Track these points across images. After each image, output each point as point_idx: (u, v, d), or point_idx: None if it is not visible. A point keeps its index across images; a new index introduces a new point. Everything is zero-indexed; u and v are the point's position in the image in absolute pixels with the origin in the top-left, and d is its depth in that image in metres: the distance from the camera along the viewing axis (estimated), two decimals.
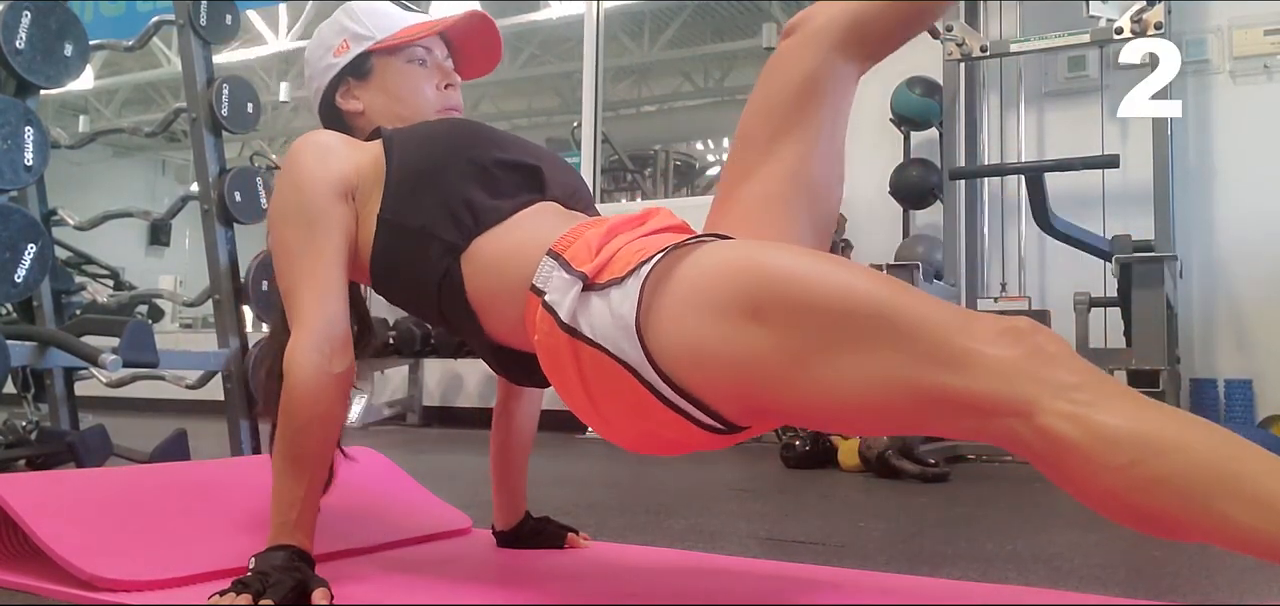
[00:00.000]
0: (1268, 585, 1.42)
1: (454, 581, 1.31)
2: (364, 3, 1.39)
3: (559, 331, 1.03)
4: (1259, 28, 3.72)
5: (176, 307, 7.58)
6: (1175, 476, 0.78)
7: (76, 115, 9.92)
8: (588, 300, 1.02)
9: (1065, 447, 0.80)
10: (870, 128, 4.34)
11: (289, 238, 1.22)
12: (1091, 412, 0.80)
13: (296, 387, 1.15)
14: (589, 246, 1.06)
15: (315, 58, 1.39)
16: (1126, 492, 0.79)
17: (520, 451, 1.52)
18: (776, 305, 0.93)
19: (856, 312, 0.89)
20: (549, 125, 9.58)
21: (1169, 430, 0.80)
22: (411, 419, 5.36)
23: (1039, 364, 0.83)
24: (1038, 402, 0.81)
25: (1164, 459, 0.78)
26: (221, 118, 2.45)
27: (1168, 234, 3.26)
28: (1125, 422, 0.80)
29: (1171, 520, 0.79)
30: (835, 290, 0.91)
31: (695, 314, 0.96)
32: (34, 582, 1.19)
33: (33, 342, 2.08)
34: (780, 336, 0.92)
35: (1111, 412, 0.80)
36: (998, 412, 0.83)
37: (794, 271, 0.94)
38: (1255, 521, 0.76)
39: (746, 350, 0.93)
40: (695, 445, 1.03)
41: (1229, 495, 0.77)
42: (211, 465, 1.78)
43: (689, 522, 1.91)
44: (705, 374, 0.97)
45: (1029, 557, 1.61)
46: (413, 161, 1.21)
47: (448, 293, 1.17)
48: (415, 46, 1.37)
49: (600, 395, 1.04)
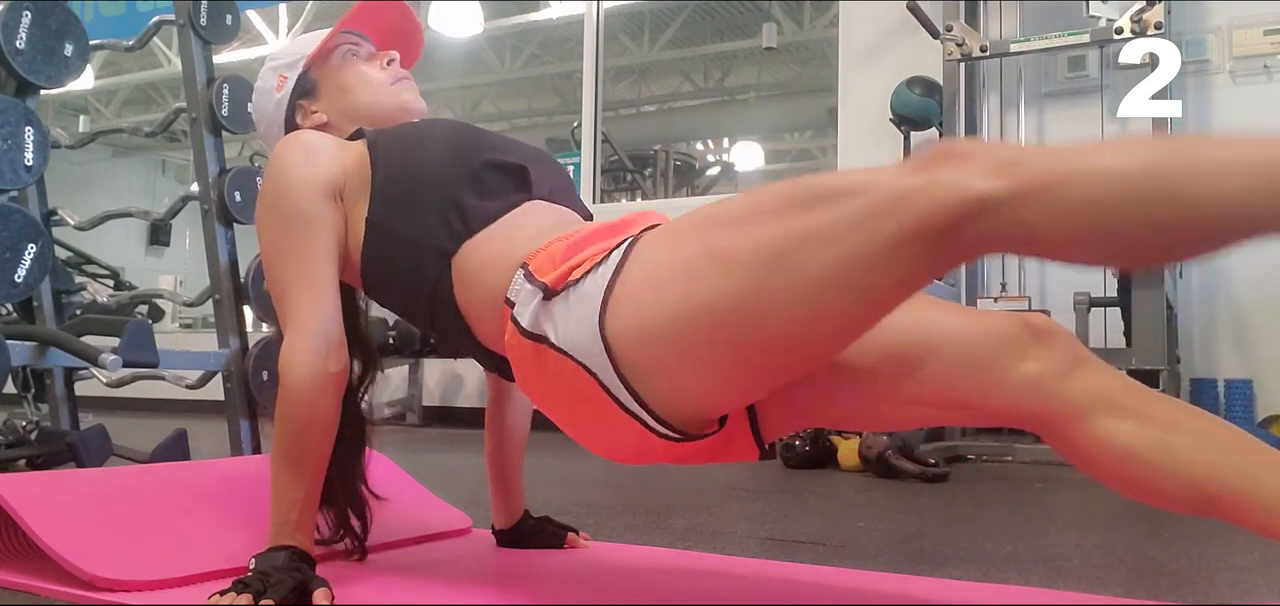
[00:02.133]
0: (1268, 586, 1.42)
1: (454, 581, 1.31)
2: (277, 46, 1.42)
3: (522, 339, 1.05)
4: (1259, 28, 3.72)
5: (176, 307, 7.58)
6: (1148, 183, 0.77)
7: (76, 115, 9.93)
8: (550, 308, 1.03)
9: (1027, 199, 0.79)
10: (870, 128, 4.35)
11: (279, 239, 1.21)
12: (1029, 161, 0.80)
13: (293, 389, 1.15)
14: (553, 258, 1.07)
15: (263, 106, 1.40)
16: (1101, 213, 0.78)
17: (515, 450, 1.52)
18: (722, 228, 0.93)
19: (791, 199, 0.90)
20: (549, 125, 9.59)
21: (1108, 153, 0.80)
22: (411, 419, 5.36)
23: (955, 161, 0.83)
24: (975, 188, 0.80)
25: (1130, 176, 0.78)
26: (221, 118, 2.45)
27: None
28: (1068, 157, 0.80)
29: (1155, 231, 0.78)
30: (768, 193, 0.92)
31: (652, 288, 0.97)
32: (34, 582, 1.19)
33: (33, 342, 2.07)
34: (731, 257, 0.91)
35: (1047, 156, 0.81)
36: (952, 223, 0.82)
37: (731, 201, 0.96)
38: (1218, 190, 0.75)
39: (708, 294, 0.93)
40: (656, 454, 1.03)
41: (1195, 177, 0.76)
42: (211, 465, 1.78)
43: (689, 522, 1.91)
44: (673, 345, 0.95)
45: (1029, 557, 1.61)
46: (399, 164, 1.22)
47: (439, 301, 1.18)
48: (340, 46, 1.39)
49: (563, 400, 1.05)
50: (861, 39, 4.52)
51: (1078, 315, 3.35)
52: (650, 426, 0.99)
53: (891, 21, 4.33)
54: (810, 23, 8.01)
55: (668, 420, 0.99)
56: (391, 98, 1.38)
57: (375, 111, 1.36)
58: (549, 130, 9.39)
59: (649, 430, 0.99)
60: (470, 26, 6.62)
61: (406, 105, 1.38)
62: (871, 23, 4.46)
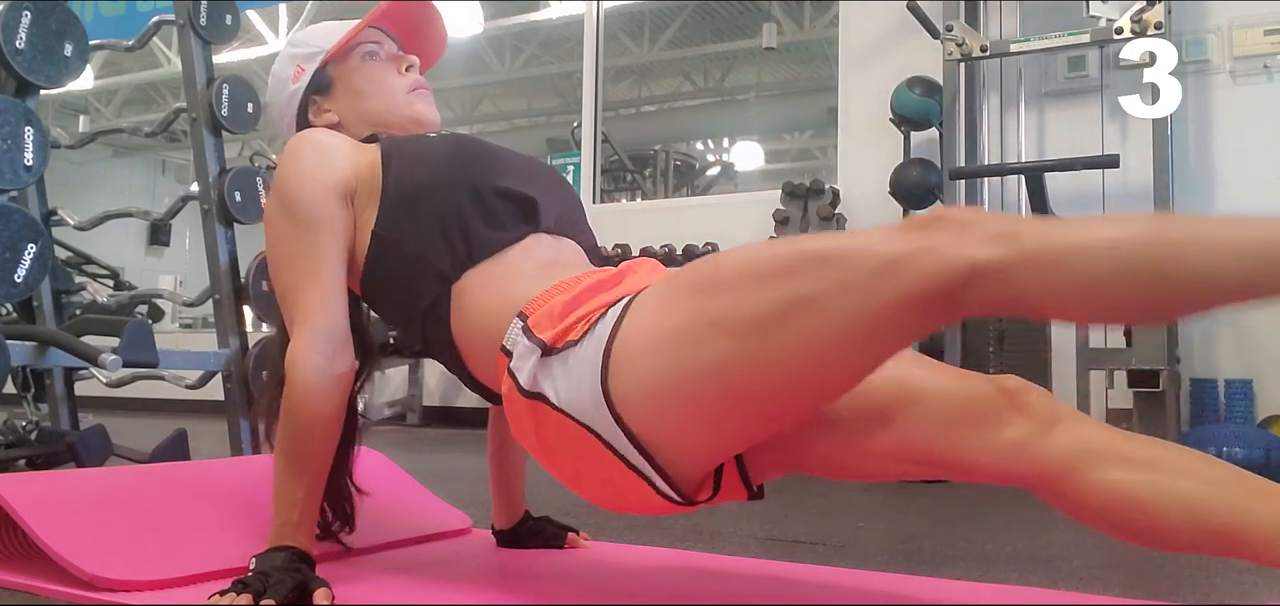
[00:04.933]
0: (1268, 586, 1.42)
1: (454, 581, 1.31)
2: (302, 31, 1.41)
3: (519, 396, 1.05)
4: (1259, 28, 3.72)
5: (176, 307, 7.59)
6: (1136, 258, 0.79)
7: (76, 115, 9.92)
8: (548, 365, 1.04)
9: (1020, 270, 0.81)
10: (870, 128, 4.34)
11: (288, 237, 1.21)
12: (1025, 233, 0.82)
13: (298, 388, 1.14)
14: (552, 314, 1.07)
15: (276, 94, 1.39)
16: (1092, 285, 0.80)
17: (517, 451, 1.52)
18: (721, 294, 0.94)
19: (793, 265, 0.91)
20: (549, 125, 9.58)
21: (1100, 227, 0.82)
22: (411, 419, 5.36)
23: (954, 229, 0.84)
24: (970, 256, 0.82)
25: (1120, 249, 0.79)
26: (221, 118, 2.45)
27: None
28: (1061, 230, 0.81)
29: (1149, 301, 0.80)
30: (768, 257, 0.93)
31: (653, 350, 0.97)
32: (34, 582, 1.19)
33: (33, 342, 2.07)
34: (733, 324, 0.92)
35: (1041, 229, 0.82)
36: (947, 288, 0.83)
37: (727, 262, 0.97)
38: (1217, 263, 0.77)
39: (712, 358, 0.93)
40: (657, 510, 1.04)
41: (1199, 251, 0.78)
42: (211, 465, 1.78)
43: (689, 523, 1.91)
44: (676, 405, 0.97)
45: (1029, 557, 1.61)
46: (410, 180, 1.21)
47: (433, 324, 1.18)
48: (362, 43, 1.37)
49: (562, 456, 1.06)
50: (861, 39, 4.51)
51: None
52: (658, 488, 1.00)
53: (891, 21, 4.32)
54: (810, 23, 8.01)
55: (673, 480, 1.00)
56: (406, 107, 1.36)
57: (387, 119, 1.35)
58: (549, 130, 9.38)
59: (655, 490, 1.00)
60: (470, 26, 6.62)
61: (419, 117, 1.37)
62: (871, 23, 4.46)
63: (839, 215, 4.20)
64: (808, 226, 4.21)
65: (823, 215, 4.13)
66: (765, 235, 4.21)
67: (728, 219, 4.68)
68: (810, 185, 4.22)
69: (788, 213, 4.24)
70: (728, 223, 4.62)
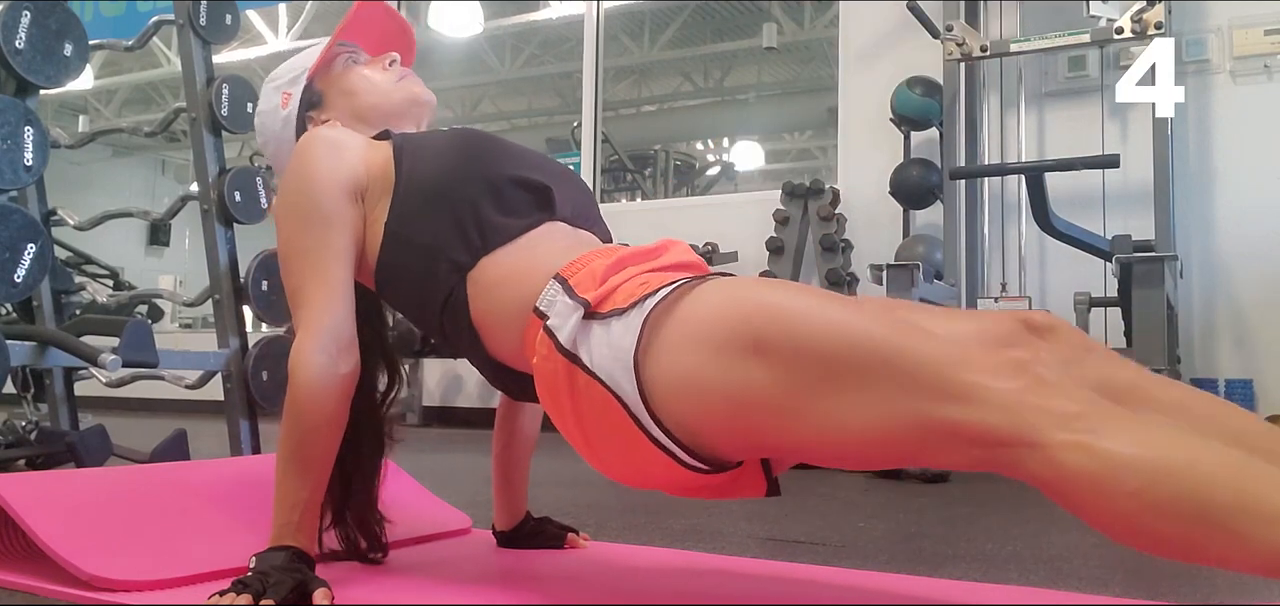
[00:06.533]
0: (1267, 586, 1.42)
1: (454, 581, 1.31)
2: (275, 69, 1.42)
3: (557, 355, 1.04)
4: (1259, 28, 3.72)
5: (176, 307, 7.58)
6: (1188, 497, 0.76)
7: (76, 115, 9.92)
8: (589, 328, 1.03)
9: (1075, 477, 0.79)
10: (870, 128, 4.34)
11: (297, 234, 1.21)
12: (1097, 440, 0.78)
13: (302, 389, 1.14)
14: (595, 275, 1.06)
15: (268, 127, 1.40)
16: (1140, 517, 0.77)
17: (523, 454, 1.52)
18: (778, 342, 0.92)
19: (857, 350, 0.89)
20: (549, 125, 9.58)
21: (1178, 451, 0.78)
22: (411, 419, 5.36)
23: (1040, 394, 0.82)
24: (1043, 434, 0.80)
25: (1176, 480, 0.76)
26: (221, 118, 2.45)
27: (1168, 234, 3.26)
28: (1133, 447, 0.78)
29: (1187, 542, 0.77)
30: (835, 329, 0.91)
31: (694, 348, 0.96)
32: (34, 582, 1.19)
33: (33, 342, 2.07)
34: (780, 373, 0.91)
35: (1117, 438, 0.78)
36: (1003, 444, 0.82)
37: (795, 308, 0.94)
38: (1275, 538, 0.73)
39: (745, 385, 0.93)
40: (682, 486, 1.03)
41: (1245, 513, 0.74)
42: (211, 465, 1.78)
43: (689, 522, 1.91)
44: (701, 406, 0.96)
45: (1029, 557, 1.61)
46: (423, 175, 1.21)
47: (451, 312, 1.17)
48: (340, 53, 1.40)
49: (592, 424, 1.04)
50: (861, 39, 4.51)
51: (1078, 314, 3.34)
52: (681, 460, 0.99)
53: (891, 21, 4.32)
54: (810, 23, 8.01)
55: (708, 450, 0.99)
56: (400, 92, 1.38)
57: (385, 109, 1.36)
58: (549, 130, 9.38)
59: (679, 463, 0.99)
60: (470, 26, 6.61)
61: (415, 96, 1.39)
62: (871, 23, 4.46)
63: (839, 215, 4.19)
64: (807, 226, 4.20)
65: (823, 215, 4.13)
66: (765, 235, 4.21)
67: (728, 219, 4.67)
68: (810, 185, 4.22)
69: (788, 213, 4.24)
70: (728, 223, 4.61)
